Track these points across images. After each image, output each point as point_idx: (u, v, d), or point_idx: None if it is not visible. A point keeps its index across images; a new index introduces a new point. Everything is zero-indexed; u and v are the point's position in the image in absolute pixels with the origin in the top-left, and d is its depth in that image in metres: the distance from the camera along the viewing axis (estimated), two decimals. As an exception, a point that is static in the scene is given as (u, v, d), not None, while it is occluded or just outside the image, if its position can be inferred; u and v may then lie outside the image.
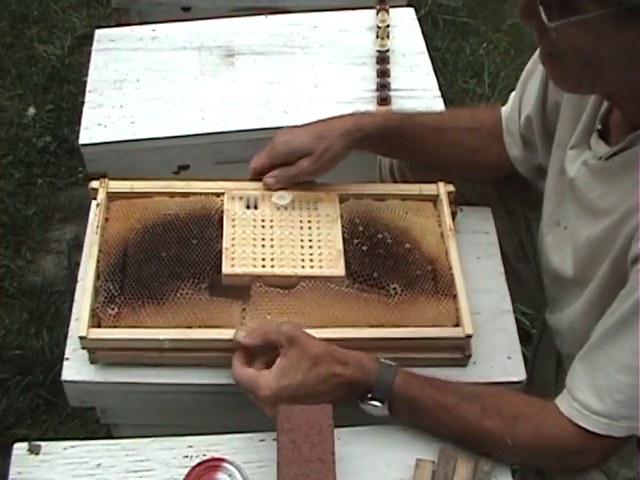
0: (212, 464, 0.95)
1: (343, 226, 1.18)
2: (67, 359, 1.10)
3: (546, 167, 1.19)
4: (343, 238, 1.16)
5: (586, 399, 0.96)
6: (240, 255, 1.13)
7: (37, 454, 1.00)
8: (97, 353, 1.07)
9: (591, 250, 1.03)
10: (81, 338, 1.05)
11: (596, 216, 1.02)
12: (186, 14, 1.87)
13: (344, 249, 1.15)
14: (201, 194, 1.20)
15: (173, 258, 1.13)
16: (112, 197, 1.19)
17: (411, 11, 1.67)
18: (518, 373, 1.12)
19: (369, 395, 1.00)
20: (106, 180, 1.20)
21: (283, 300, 1.10)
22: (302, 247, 1.15)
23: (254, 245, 1.14)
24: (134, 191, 1.20)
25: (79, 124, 1.46)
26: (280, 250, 1.14)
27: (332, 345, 1.01)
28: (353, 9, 1.68)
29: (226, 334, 1.05)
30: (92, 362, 1.08)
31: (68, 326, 1.12)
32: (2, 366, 1.82)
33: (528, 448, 0.99)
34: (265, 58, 1.58)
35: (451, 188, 1.23)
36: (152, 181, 1.22)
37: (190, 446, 1.01)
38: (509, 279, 1.22)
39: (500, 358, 1.13)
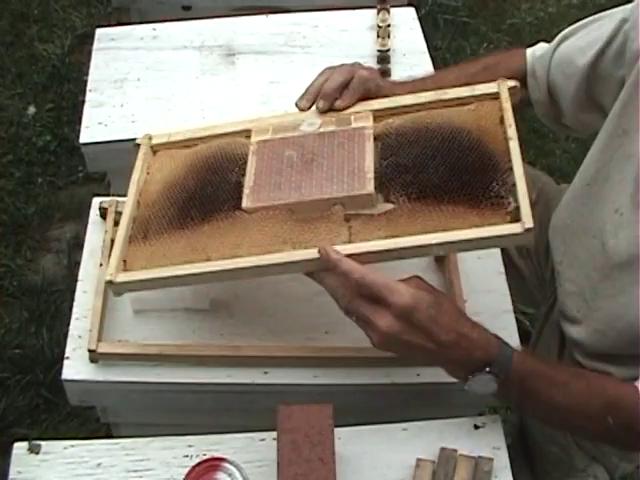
0: (212, 464, 0.95)
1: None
2: (67, 358, 1.09)
3: (572, 125, 1.23)
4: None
5: None
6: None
7: (37, 453, 1.00)
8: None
9: None
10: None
11: None
12: (187, 13, 1.87)
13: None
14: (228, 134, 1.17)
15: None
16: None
17: (412, 11, 1.67)
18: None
19: (487, 369, 0.95)
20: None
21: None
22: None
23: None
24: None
25: (79, 123, 1.46)
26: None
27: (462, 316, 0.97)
28: (354, 9, 1.68)
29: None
30: (92, 361, 1.08)
31: (68, 325, 1.12)
32: (2, 365, 1.83)
33: (625, 428, 0.97)
34: (266, 57, 1.58)
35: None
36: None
37: (190, 445, 1.01)
38: (510, 276, 1.21)
39: (500, 358, 1.13)
